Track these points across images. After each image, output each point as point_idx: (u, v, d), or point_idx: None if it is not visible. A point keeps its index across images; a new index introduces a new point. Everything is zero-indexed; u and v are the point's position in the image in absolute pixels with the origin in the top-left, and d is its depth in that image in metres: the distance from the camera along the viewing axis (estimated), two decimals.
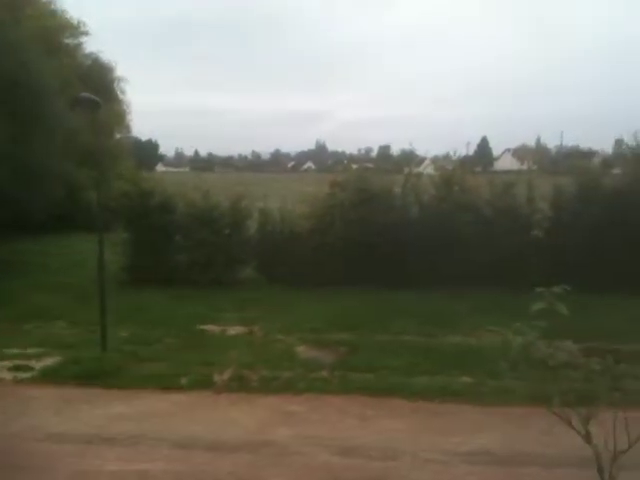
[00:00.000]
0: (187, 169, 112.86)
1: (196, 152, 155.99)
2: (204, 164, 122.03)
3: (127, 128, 33.26)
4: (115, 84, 30.23)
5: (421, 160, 24.13)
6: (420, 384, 8.17)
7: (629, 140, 15.36)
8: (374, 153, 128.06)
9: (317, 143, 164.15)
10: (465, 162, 27.17)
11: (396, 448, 6.35)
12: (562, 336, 9.21)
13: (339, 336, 10.31)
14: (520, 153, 65.11)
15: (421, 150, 21.57)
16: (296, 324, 10.96)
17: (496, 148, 75.88)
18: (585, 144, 61.19)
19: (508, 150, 67.59)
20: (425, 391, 7.97)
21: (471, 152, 69.65)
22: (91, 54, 29.41)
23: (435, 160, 24.97)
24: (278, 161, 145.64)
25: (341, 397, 7.86)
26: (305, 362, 9.10)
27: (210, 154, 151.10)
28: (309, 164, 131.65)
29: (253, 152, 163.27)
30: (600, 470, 3.35)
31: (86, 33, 28.51)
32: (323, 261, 14.10)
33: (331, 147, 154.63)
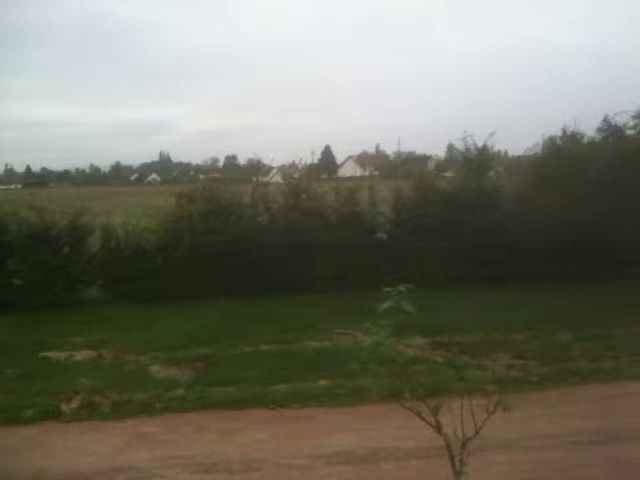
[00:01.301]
0: (19, 186, 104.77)
1: (28, 167, 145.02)
2: (38, 180, 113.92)
3: None
4: None
5: (269, 169, 24.36)
6: (280, 392, 8.20)
7: (459, 145, 16.59)
8: (221, 163, 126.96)
9: (161, 154, 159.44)
10: (311, 170, 27.77)
11: (258, 458, 6.32)
12: (410, 332, 9.74)
13: (195, 352, 10.06)
14: (362, 160, 67.88)
15: (268, 159, 21.79)
16: (148, 343, 10.54)
17: (339, 155, 78.60)
18: (421, 149, 65.14)
19: (351, 157, 70.19)
20: (284, 398, 8.01)
21: (316, 160, 71.53)
22: None
23: (282, 169, 25.33)
24: (120, 174, 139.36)
25: (200, 413, 7.69)
26: (160, 382, 8.78)
27: (44, 169, 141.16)
28: (153, 176, 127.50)
29: (92, 165, 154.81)
30: (451, 457, 3.53)
31: None
32: (173, 275, 13.71)
33: (176, 158, 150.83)
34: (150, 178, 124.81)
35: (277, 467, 6.13)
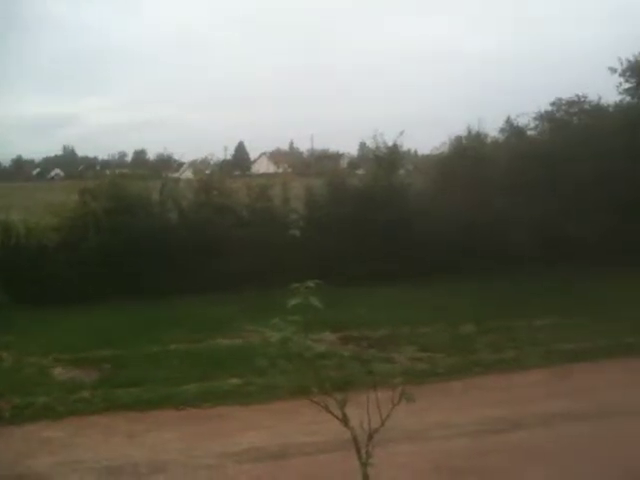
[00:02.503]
0: None
1: None
2: None
3: None
4: None
5: (180, 165, 23.87)
6: (189, 391, 8.06)
7: (370, 143, 16.90)
8: (129, 158, 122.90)
9: (65, 148, 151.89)
10: (224, 166, 27.51)
11: (166, 460, 6.17)
12: (321, 328, 9.82)
13: (101, 353, 9.71)
14: (275, 157, 67.73)
15: (179, 155, 21.35)
16: (52, 345, 10.06)
17: (253, 152, 78.02)
18: (335, 147, 65.74)
19: (264, 154, 69.85)
20: (194, 398, 7.88)
21: (229, 156, 70.74)
22: None
23: (194, 165, 24.88)
24: (21, 169, 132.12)
25: (106, 416, 7.43)
26: (64, 384, 8.43)
27: None
28: (57, 171, 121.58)
29: None
30: (357, 450, 3.57)
31: None
32: (77, 275, 13.18)
33: (82, 152, 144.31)
34: (53, 173, 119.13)
35: (185, 468, 6.02)
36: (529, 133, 18.24)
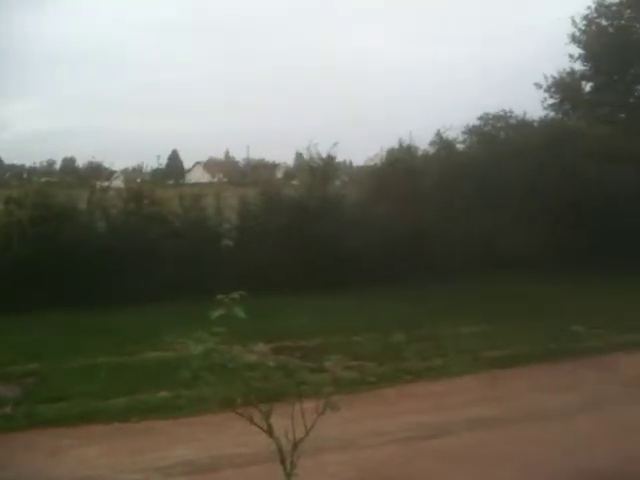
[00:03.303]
0: None
1: None
2: None
3: None
4: None
5: (111, 173, 23.29)
6: (117, 406, 7.86)
7: (305, 154, 17.00)
8: (58, 166, 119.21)
9: None
10: (157, 175, 27.08)
11: (90, 476, 5.99)
12: (254, 339, 9.74)
13: (24, 367, 9.32)
14: (210, 166, 67.07)
15: (110, 163, 20.80)
16: None
17: (188, 161, 77.03)
18: (271, 157, 65.59)
19: (199, 163, 68.98)
20: (122, 412, 7.68)
21: (162, 165, 69.52)
22: None
23: (125, 173, 24.36)
24: None
25: (29, 432, 7.13)
26: None
27: None
28: None
29: None
30: (282, 460, 3.57)
31: None
32: (1, 286, 12.65)
33: (8, 160, 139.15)
34: None
35: None
36: (458, 146, 18.78)
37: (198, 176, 57.85)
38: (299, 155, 18.42)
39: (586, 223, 15.87)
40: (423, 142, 18.22)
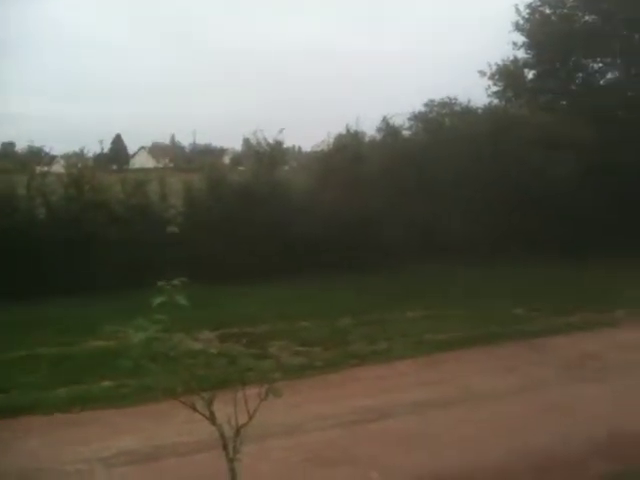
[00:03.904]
0: None
1: None
2: None
3: None
4: None
5: (51, 158, 22.65)
6: (58, 396, 7.70)
7: (253, 139, 16.87)
8: None
9: None
10: (100, 160, 26.45)
11: (31, 468, 5.86)
12: (200, 326, 9.66)
13: None
14: (155, 151, 65.90)
15: (50, 148, 20.17)
16: None
17: (132, 146, 75.38)
18: (219, 142, 64.88)
19: (143, 148, 67.64)
20: (64, 403, 7.53)
21: (106, 150, 67.90)
22: None
23: (67, 158, 23.67)
24: None
25: None
26: None
27: None
28: None
29: None
30: (225, 446, 3.57)
31: None
32: None
33: None
34: None
35: (52, 474, 5.75)
36: (404, 133, 18.96)
37: (143, 161, 56.78)
38: (246, 140, 18.24)
39: (529, 209, 16.29)
40: (370, 128, 18.35)
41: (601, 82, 21.03)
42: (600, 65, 20.95)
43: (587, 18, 20.03)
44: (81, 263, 12.80)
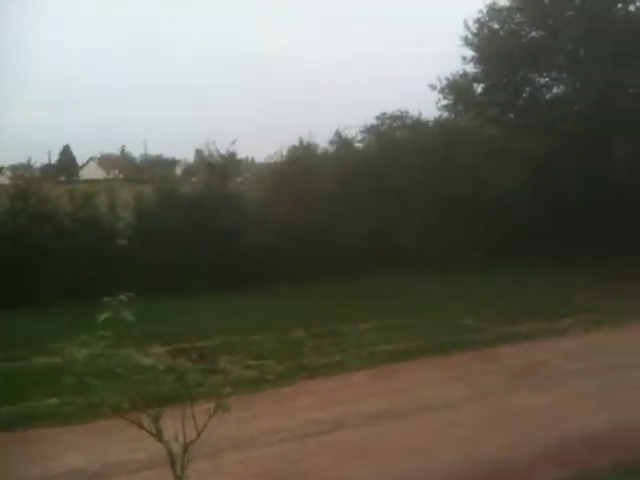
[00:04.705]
0: None
1: None
2: None
3: None
4: None
5: None
6: (2, 414, 7.46)
7: (205, 150, 16.75)
8: None
9: None
10: (48, 171, 25.86)
11: None
12: (151, 341, 9.48)
13: None
14: (105, 162, 64.79)
15: None
16: None
17: (82, 157, 73.80)
18: (170, 153, 64.03)
19: (93, 159, 66.35)
20: (8, 421, 7.31)
21: (54, 161, 66.35)
22: None
23: (13, 169, 23.08)
24: None
25: None
26: None
27: None
28: None
29: None
30: (172, 463, 3.52)
31: None
32: None
33: None
34: None
35: None
36: (357, 145, 19.13)
37: (92, 172, 55.72)
38: (199, 151, 18.09)
39: (479, 219, 16.60)
40: (324, 140, 18.47)
41: (547, 96, 21.61)
42: (547, 80, 21.55)
43: (534, 34, 20.55)
44: (27, 276, 12.45)
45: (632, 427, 6.73)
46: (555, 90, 21.75)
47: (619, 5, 19.64)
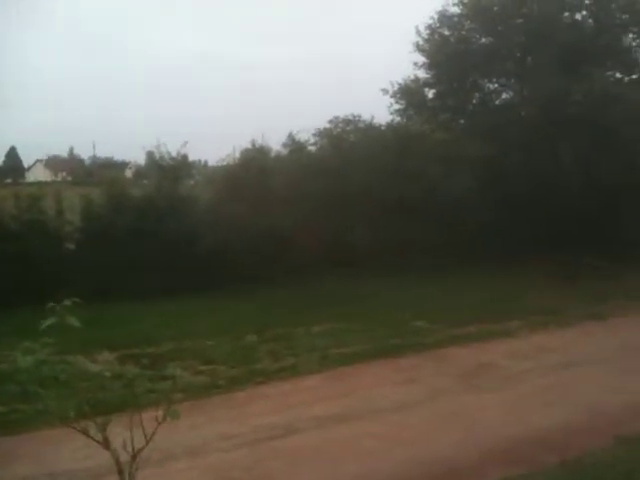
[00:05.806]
0: None
1: None
2: None
3: None
4: None
5: None
6: None
7: (156, 152, 16.49)
8: None
9: None
10: None
11: None
12: (99, 348, 9.30)
13: None
14: (52, 164, 63.17)
15: None
16: None
17: (28, 159, 71.65)
18: (120, 155, 62.76)
19: (40, 161, 64.58)
20: None
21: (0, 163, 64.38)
22: None
23: None
24: None
25: None
26: None
27: None
28: None
29: None
30: (119, 472, 3.45)
31: None
32: None
33: None
34: None
35: None
36: (310, 148, 19.14)
37: (39, 175, 54.26)
38: (150, 154, 17.78)
39: (431, 221, 16.81)
40: (277, 143, 18.42)
41: (496, 102, 22.07)
42: (496, 86, 22.00)
43: (484, 40, 20.92)
44: None
45: (576, 424, 6.94)
46: (504, 96, 22.26)
47: (566, 14, 20.18)
